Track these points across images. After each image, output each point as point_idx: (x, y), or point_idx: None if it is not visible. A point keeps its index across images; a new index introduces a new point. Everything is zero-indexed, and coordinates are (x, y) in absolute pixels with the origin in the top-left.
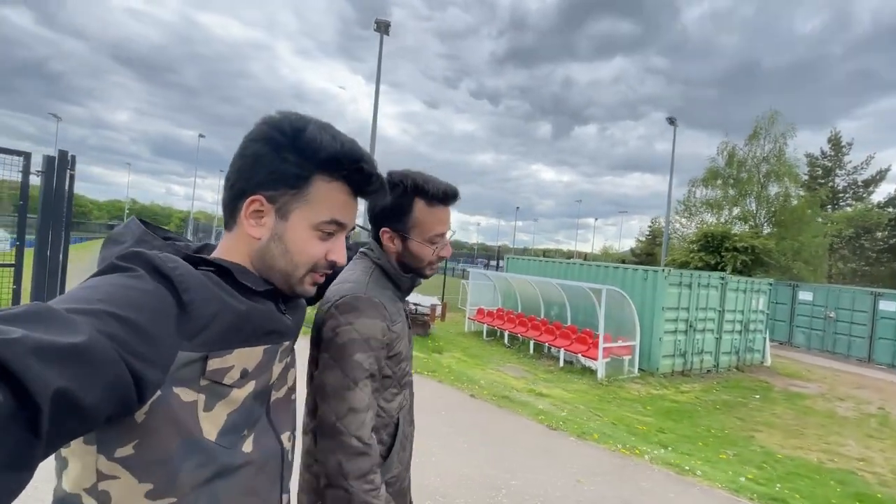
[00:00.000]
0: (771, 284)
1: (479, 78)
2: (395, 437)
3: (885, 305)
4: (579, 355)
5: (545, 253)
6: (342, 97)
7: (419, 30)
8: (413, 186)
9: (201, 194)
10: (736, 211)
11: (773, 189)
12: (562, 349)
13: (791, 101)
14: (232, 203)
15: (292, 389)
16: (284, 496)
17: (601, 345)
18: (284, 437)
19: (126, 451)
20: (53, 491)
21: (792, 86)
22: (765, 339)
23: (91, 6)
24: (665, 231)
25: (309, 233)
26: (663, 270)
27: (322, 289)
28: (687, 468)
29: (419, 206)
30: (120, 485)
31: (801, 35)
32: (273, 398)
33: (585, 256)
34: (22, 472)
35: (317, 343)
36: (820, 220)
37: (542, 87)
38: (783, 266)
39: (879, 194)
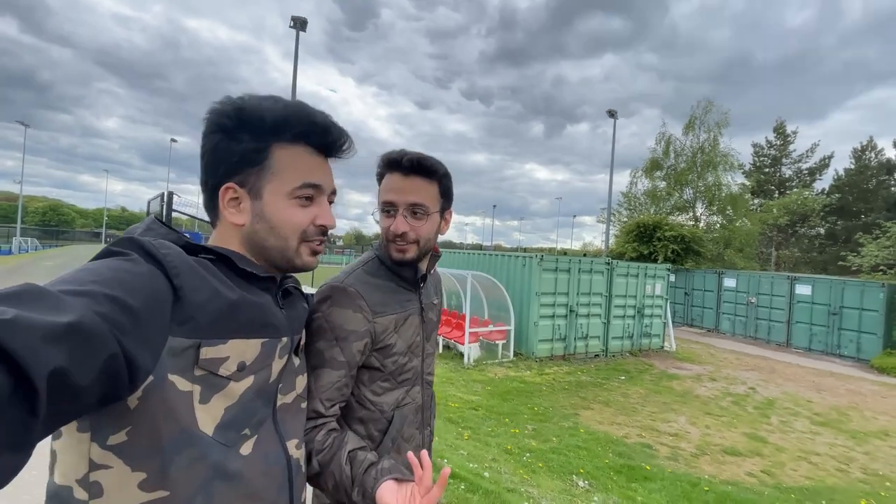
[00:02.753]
0: (669, 270)
1: (470, 78)
2: (385, 433)
3: (800, 290)
4: (453, 340)
5: (545, 251)
6: (333, 100)
7: (409, 30)
8: (380, 159)
9: (194, 200)
10: (674, 200)
11: (710, 178)
12: (441, 336)
13: (783, 94)
14: (210, 201)
15: (302, 397)
16: None
17: (467, 329)
18: (291, 444)
19: (119, 437)
20: (46, 487)
21: (784, 79)
22: (664, 323)
23: (78, 12)
24: (607, 223)
25: (286, 202)
26: (537, 257)
27: None
28: None
29: (385, 177)
30: (112, 474)
31: (791, 28)
32: (280, 402)
33: (565, 252)
34: (21, 453)
35: None
36: (761, 208)
37: (534, 87)
38: (715, 254)
39: (827, 181)
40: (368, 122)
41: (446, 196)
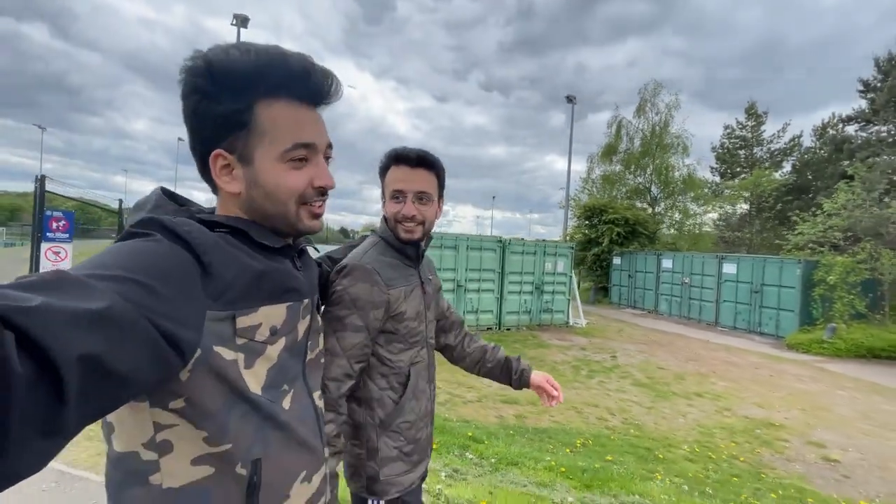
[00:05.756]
0: (572, 248)
1: (488, 69)
2: (405, 386)
3: (727, 268)
4: None
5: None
6: (353, 96)
7: (426, 22)
8: (387, 154)
9: (213, 198)
10: (629, 184)
11: (664, 161)
12: None
13: (818, 77)
14: (202, 168)
15: (322, 353)
16: (326, 449)
17: None
18: (316, 395)
19: (179, 403)
20: (106, 457)
21: (819, 61)
22: (568, 300)
23: (103, 17)
24: (565, 208)
25: (279, 167)
26: None
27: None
28: None
29: (390, 169)
30: (179, 431)
31: (827, 6)
32: (308, 358)
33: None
34: (53, 438)
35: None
36: (726, 189)
37: (554, 76)
38: (659, 237)
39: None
40: (387, 118)
41: (442, 186)
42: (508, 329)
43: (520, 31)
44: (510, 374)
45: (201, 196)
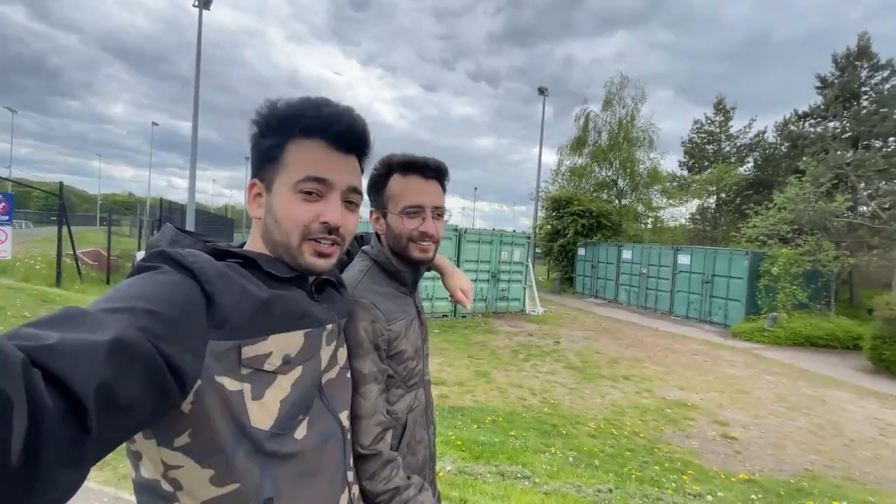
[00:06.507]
0: (529, 238)
1: (476, 59)
2: (400, 439)
3: (681, 259)
4: None
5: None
6: (338, 83)
7: (414, 9)
8: (388, 160)
9: (203, 186)
10: (598, 177)
11: (629, 154)
12: None
13: (804, 73)
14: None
15: (346, 368)
16: (349, 473)
17: None
18: (343, 416)
19: (183, 439)
20: (133, 482)
21: (800, 57)
22: (524, 288)
23: None
24: (536, 200)
25: (291, 196)
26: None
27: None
28: None
29: (393, 178)
30: (185, 472)
31: (813, 2)
32: (325, 379)
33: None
34: (79, 469)
35: None
36: (693, 183)
37: (542, 67)
38: (625, 229)
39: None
40: (374, 106)
41: None
42: (464, 316)
43: (509, 20)
44: None
45: (182, 183)
